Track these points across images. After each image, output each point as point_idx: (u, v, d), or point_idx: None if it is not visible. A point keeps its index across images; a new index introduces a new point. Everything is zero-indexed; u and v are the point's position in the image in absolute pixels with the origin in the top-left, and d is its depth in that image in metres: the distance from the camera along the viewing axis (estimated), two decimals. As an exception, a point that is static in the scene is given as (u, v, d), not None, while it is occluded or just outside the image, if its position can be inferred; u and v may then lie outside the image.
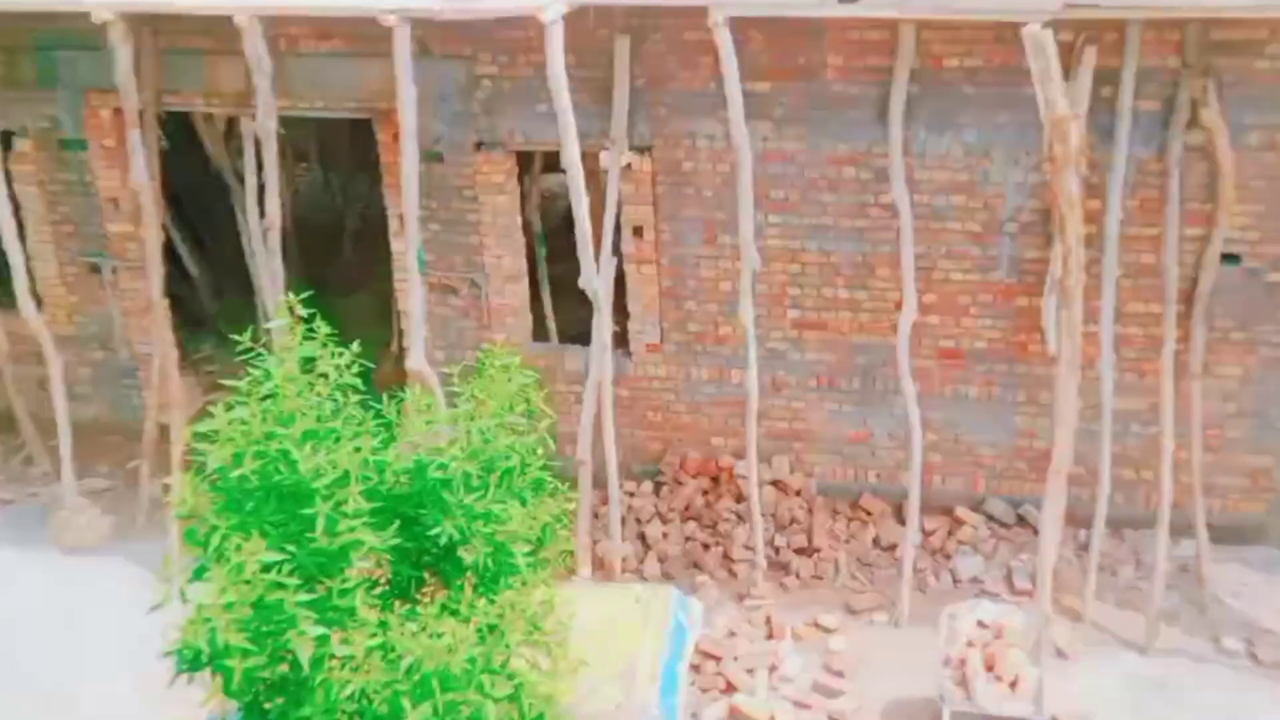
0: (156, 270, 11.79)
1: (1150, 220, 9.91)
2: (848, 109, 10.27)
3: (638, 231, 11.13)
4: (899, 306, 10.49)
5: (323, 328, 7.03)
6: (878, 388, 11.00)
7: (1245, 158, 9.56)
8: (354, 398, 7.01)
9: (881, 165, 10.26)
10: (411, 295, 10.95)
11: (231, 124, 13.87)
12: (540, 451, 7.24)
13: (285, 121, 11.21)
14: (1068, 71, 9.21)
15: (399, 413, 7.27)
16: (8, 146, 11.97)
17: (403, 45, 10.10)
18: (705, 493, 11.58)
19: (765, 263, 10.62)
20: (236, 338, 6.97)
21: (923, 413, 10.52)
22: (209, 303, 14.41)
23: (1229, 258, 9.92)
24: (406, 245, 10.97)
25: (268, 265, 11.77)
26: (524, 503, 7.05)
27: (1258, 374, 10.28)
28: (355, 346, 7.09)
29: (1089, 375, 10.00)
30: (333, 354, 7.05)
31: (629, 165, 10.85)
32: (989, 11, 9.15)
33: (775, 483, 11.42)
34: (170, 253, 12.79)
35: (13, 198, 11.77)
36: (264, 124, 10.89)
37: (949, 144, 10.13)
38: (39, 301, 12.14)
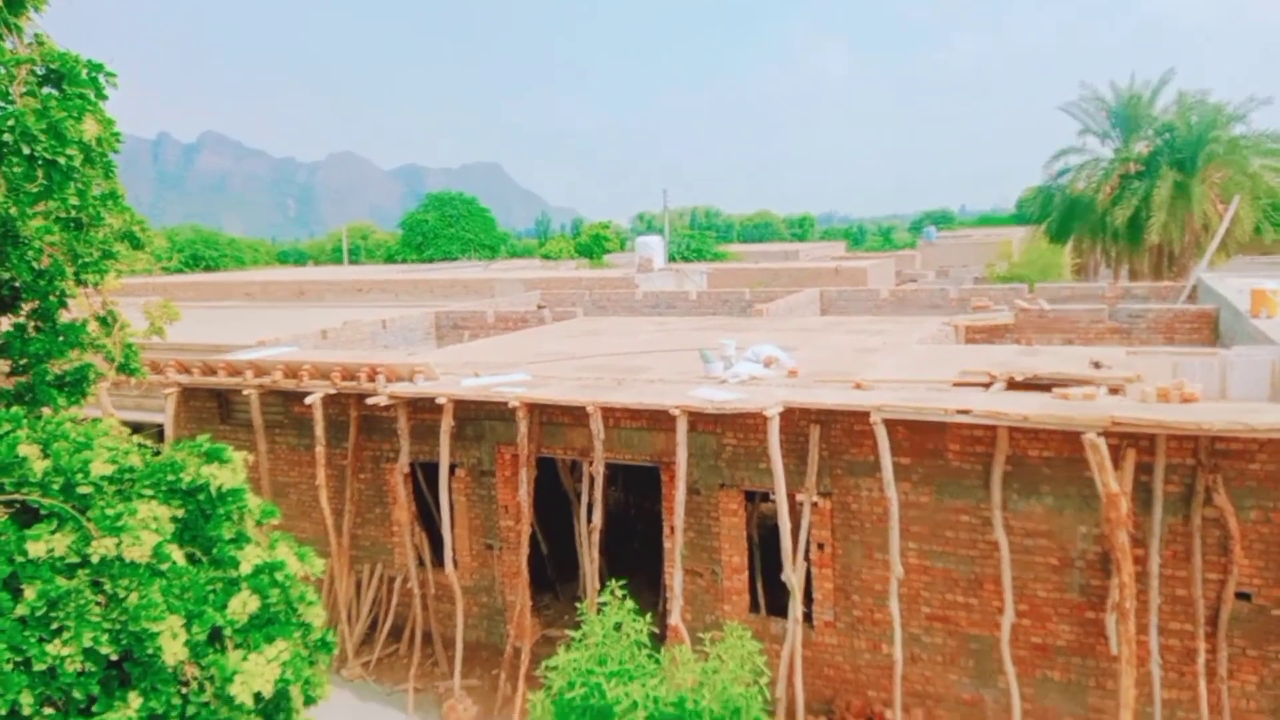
0: (523, 550, 12.08)
1: (1181, 566, 8.97)
2: (963, 478, 9.90)
3: (820, 547, 10.79)
4: (1001, 611, 9.68)
5: (628, 603, 6.96)
6: (987, 667, 10.01)
7: (1248, 528, 8.65)
8: (644, 651, 6.85)
9: (986, 515, 9.75)
10: (675, 577, 10.86)
11: (574, 465, 14.42)
12: (761, 699, 6.84)
13: (607, 466, 11.58)
14: (1116, 463, 8.70)
15: (670, 660, 7.04)
16: (451, 473, 12.61)
17: (682, 426, 10.46)
18: (863, 729, 10.57)
19: (905, 573, 10.10)
20: (578, 604, 6.95)
21: (1019, 688, 9.50)
22: (551, 571, 14.56)
23: (1242, 595, 8.82)
24: (674, 545, 10.96)
25: (589, 552, 11.89)
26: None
27: (1270, 681, 8.89)
28: (648, 618, 6.98)
29: (1142, 671, 8.89)
30: (633, 620, 6.96)
31: (815, 504, 10.68)
32: (1058, 423, 8.82)
33: (912, 727, 10.35)
34: (532, 540, 13.08)
35: (450, 504, 12.39)
36: (597, 467, 11.30)
37: (1033, 504, 9.57)
38: (455, 565, 12.50)
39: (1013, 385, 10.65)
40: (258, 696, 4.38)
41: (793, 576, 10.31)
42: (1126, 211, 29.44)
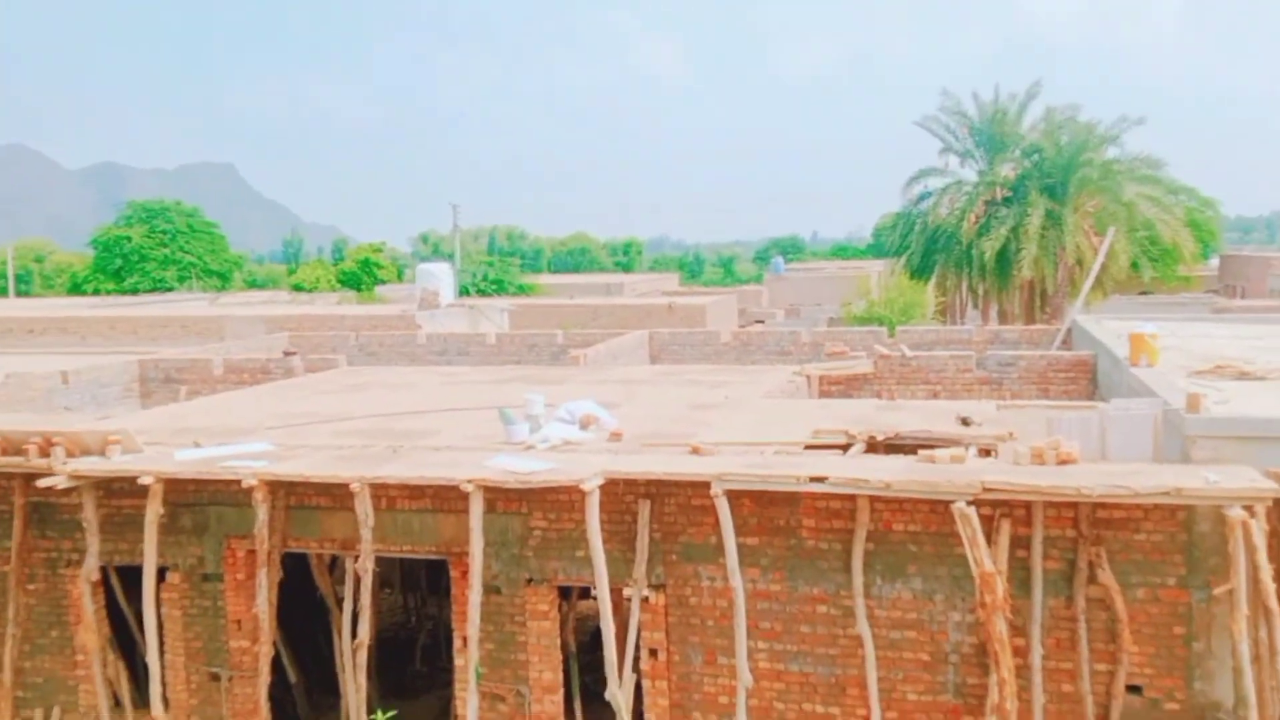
0: (264, 679, 11.57)
1: (1066, 656, 9.68)
2: (819, 560, 10.28)
3: (653, 653, 10.85)
4: (867, 720, 10.07)
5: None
6: (852, 790, 10.35)
7: (1136, 609, 9.46)
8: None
9: (847, 605, 10.15)
10: (469, 702, 10.71)
11: (334, 562, 13.88)
12: None
13: (378, 561, 11.24)
14: (990, 537, 9.30)
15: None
16: (161, 579, 11.86)
17: (476, 505, 10.38)
18: None
19: (755, 681, 10.33)
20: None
21: (890, 814, 9.87)
22: (303, 706, 13.87)
23: (1133, 689, 9.58)
24: (467, 660, 10.82)
25: (354, 676, 11.52)
26: None
27: (1167, 786, 9.70)
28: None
29: (1027, 785, 9.45)
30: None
31: (647, 599, 10.75)
32: (924, 491, 9.34)
33: None
34: (277, 665, 12.45)
35: (159, 620, 11.62)
36: (364, 564, 10.97)
37: (900, 590, 10.05)
38: (166, 704, 11.71)
39: (873, 446, 11.23)
40: None
41: (619, 694, 10.31)
42: (995, 243, 32.14)
